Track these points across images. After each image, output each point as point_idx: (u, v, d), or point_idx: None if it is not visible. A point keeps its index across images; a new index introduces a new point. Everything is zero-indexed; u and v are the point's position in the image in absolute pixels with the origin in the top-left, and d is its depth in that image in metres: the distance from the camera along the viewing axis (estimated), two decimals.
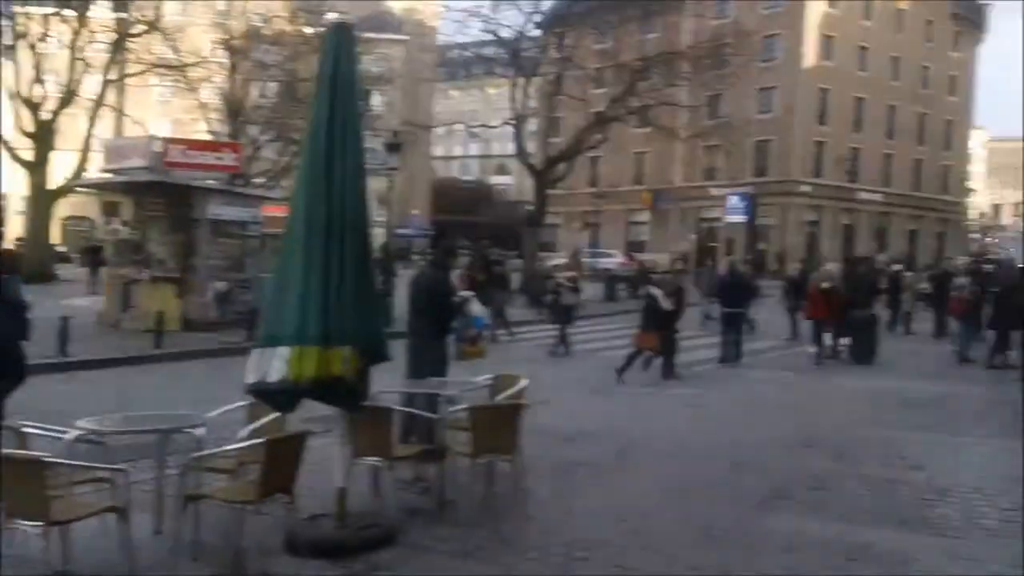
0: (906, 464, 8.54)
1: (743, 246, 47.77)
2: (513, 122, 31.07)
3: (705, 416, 11.08)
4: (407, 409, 7.08)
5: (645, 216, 59.13)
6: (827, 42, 54.14)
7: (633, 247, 55.69)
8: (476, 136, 61.48)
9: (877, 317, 17.40)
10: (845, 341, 16.73)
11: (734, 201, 49.11)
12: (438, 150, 77.71)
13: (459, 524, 6.34)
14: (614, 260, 42.67)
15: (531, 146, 37.14)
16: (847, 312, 16.34)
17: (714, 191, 53.95)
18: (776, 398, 12.57)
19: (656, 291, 14.25)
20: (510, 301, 21.01)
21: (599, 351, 17.08)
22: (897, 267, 24.88)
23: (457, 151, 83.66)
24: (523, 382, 7.57)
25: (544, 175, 31.36)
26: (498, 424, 6.84)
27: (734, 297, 16.25)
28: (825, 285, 16.24)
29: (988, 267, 21.63)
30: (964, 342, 16.85)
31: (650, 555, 5.84)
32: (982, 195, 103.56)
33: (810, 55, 53.38)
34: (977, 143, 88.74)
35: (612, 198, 58.71)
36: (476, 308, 8.64)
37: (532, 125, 36.90)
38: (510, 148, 39.92)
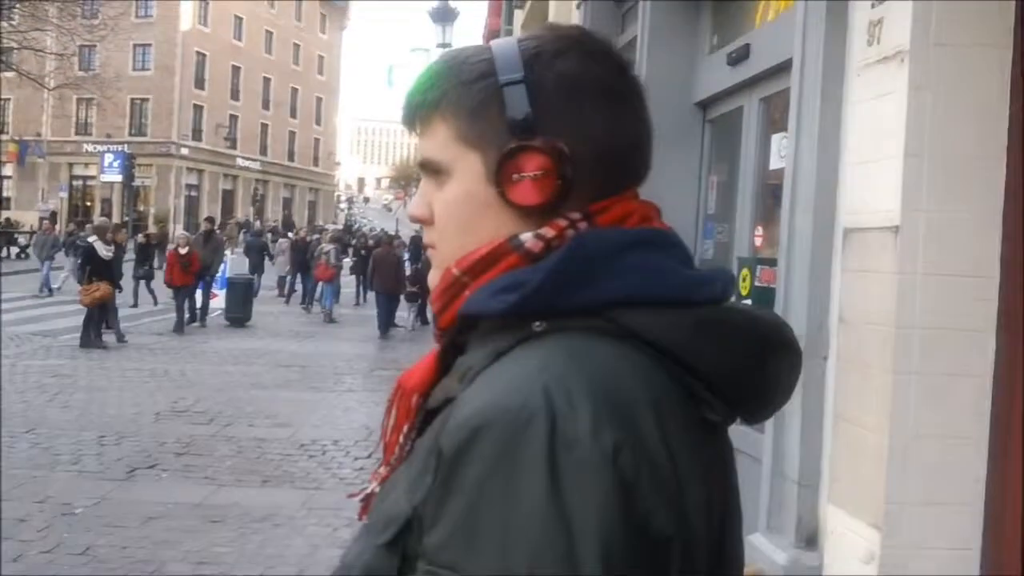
0: (273, 422, 9.02)
1: (122, 207, 45.65)
2: None
3: (71, 388, 10.41)
4: None
5: (9, 170, 53.05)
6: (203, 7, 53.82)
7: None
8: None
9: (256, 280, 17.95)
10: (217, 304, 16.99)
11: (110, 159, 46.64)
12: None
13: None
14: None
15: None
16: (205, 275, 16.51)
17: (88, 147, 50.65)
18: (149, 366, 12.29)
19: (94, 239, 13.41)
20: None
21: None
22: (291, 235, 26.12)
23: None
24: None
25: None
26: None
27: None
28: (182, 250, 16.01)
29: (349, 236, 23.75)
30: (329, 304, 18.32)
31: None
32: (349, 168, 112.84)
33: (186, 18, 52.59)
34: (344, 121, 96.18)
35: None
36: None
37: None
38: None
